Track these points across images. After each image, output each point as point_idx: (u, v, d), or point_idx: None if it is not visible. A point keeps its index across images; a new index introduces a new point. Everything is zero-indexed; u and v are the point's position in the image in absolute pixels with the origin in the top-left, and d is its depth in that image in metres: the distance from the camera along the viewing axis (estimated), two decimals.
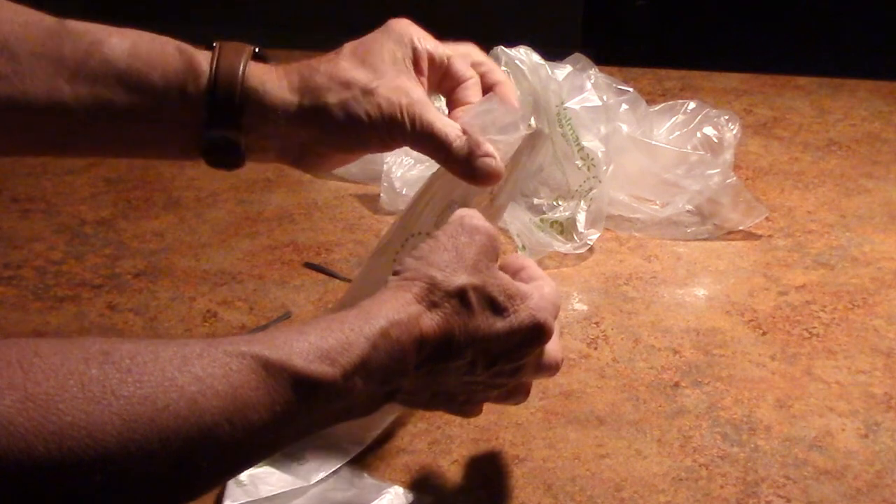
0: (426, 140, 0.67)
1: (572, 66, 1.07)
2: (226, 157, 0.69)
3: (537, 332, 0.62)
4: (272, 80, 0.68)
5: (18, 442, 0.44)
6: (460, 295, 0.59)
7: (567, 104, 1.03)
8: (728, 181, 1.06)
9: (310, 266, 1.01)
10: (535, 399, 0.82)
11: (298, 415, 0.54)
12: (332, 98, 0.67)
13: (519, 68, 1.02)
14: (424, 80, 0.70)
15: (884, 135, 1.33)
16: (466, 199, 0.69)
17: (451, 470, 0.74)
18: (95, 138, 0.69)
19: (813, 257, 1.04)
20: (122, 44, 0.67)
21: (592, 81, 1.07)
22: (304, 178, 1.18)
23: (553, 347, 0.65)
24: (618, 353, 0.88)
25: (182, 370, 0.50)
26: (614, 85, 1.11)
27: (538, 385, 0.83)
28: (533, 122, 0.70)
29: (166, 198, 1.14)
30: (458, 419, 0.79)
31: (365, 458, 0.74)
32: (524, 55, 1.03)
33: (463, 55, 0.72)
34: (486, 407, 0.80)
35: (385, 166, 1.09)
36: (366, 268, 0.71)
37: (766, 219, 1.09)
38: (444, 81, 0.72)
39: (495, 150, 0.67)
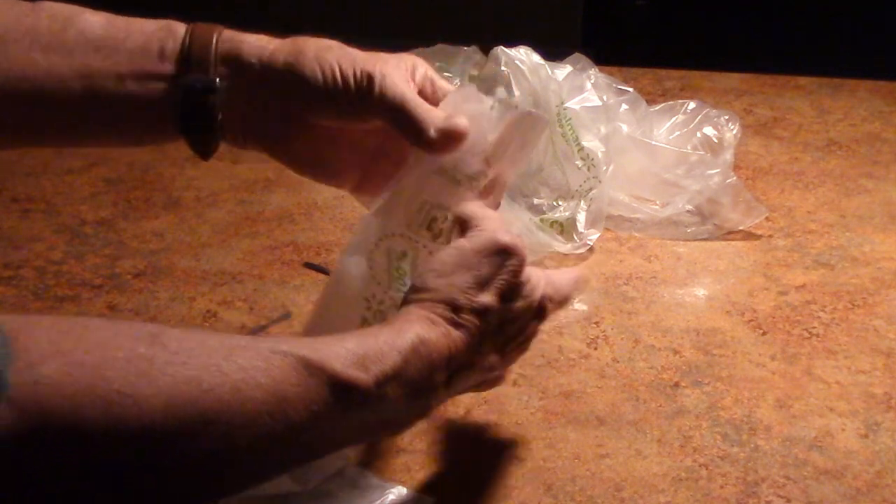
0: (391, 101, 0.66)
1: (572, 66, 1.07)
2: (199, 113, 0.67)
3: (541, 312, 0.66)
4: (251, 37, 0.68)
5: (67, 402, 0.45)
6: (484, 314, 0.62)
7: (567, 104, 1.03)
8: (728, 181, 1.06)
9: (310, 266, 1.01)
10: (535, 399, 0.82)
11: (334, 418, 0.55)
12: (310, 50, 0.67)
13: (519, 68, 1.02)
14: (415, 87, 0.70)
15: (884, 135, 1.33)
16: (440, 199, 0.68)
17: (451, 470, 0.74)
18: (72, 115, 0.68)
19: (813, 257, 1.04)
20: (97, 17, 0.67)
21: (592, 81, 1.07)
22: (304, 178, 1.18)
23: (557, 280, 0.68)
24: (618, 353, 0.88)
25: (228, 358, 0.51)
26: (614, 85, 1.11)
27: (538, 385, 0.83)
28: (524, 106, 0.70)
29: (166, 198, 1.14)
30: (458, 419, 0.79)
31: (364, 459, 0.74)
32: (524, 55, 1.03)
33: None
34: (487, 407, 0.81)
35: None
36: (340, 268, 0.70)
37: (766, 219, 1.09)
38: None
39: (465, 121, 0.66)
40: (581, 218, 1.02)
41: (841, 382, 0.85)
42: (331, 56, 0.66)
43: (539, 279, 0.66)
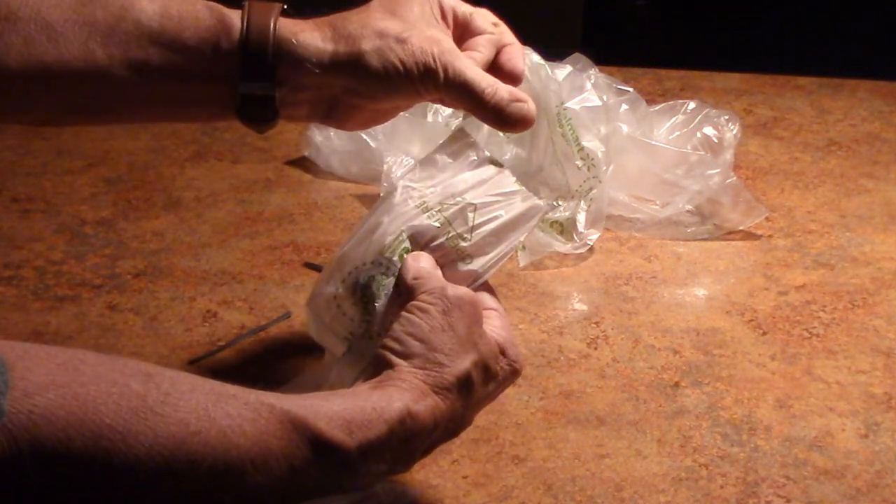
0: (459, 88, 0.67)
1: (572, 66, 1.07)
2: (260, 111, 0.69)
3: (516, 377, 0.67)
4: (305, 30, 0.68)
5: (58, 433, 0.46)
6: (466, 377, 0.62)
7: (567, 104, 1.03)
8: (728, 181, 1.06)
9: (310, 266, 1.01)
10: (536, 399, 0.82)
11: (311, 475, 0.56)
12: (367, 45, 0.67)
13: None
14: (450, 32, 0.71)
15: (884, 135, 1.33)
16: (414, 235, 0.68)
17: (451, 470, 0.74)
18: (132, 100, 0.69)
19: (813, 257, 1.04)
20: (153, 5, 0.67)
21: (592, 81, 1.07)
22: (304, 178, 1.18)
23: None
24: (618, 353, 0.88)
25: (216, 405, 0.52)
26: (614, 85, 1.11)
27: (538, 385, 0.83)
28: (531, 198, 0.71)
29: (166, 198, 1.14)
30: None
31: None
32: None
33: (482, 13, 0.74)
34: (487, 407, 0.81)
35: (385, 166, 1.09)
36: (312, 299, 0.71)
37: (766, 219, 1.09)
38: (464, 34, 0.72)
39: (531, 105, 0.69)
40: (581, 218, 1.02)
41: (841, 382, 0.85)
42: (392, 55, 0.67)
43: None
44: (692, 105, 1.13)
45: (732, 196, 1.06)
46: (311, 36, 0.68)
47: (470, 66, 0.68)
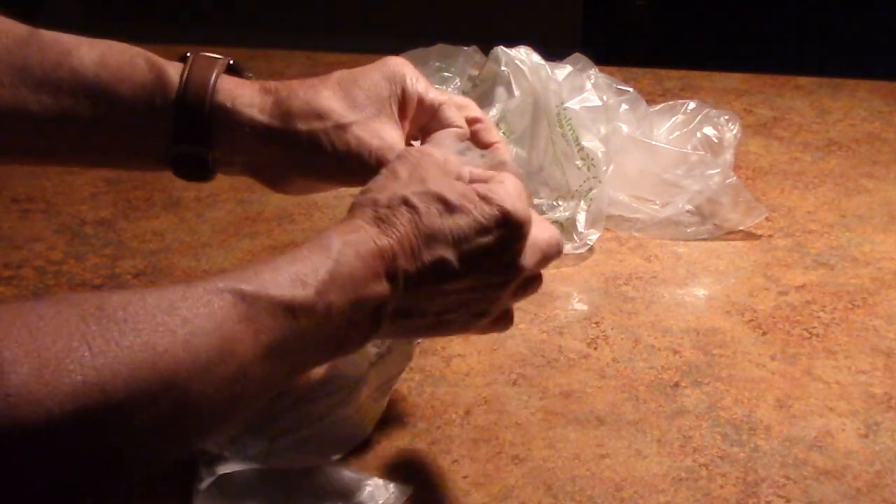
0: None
1: (572, 66, 1.07)
2: (195, 170, 0.69)
3: (507, 221, 0.61)
4: (244, 95, 0.67)
5: (38, 409, 0.46)
6: (404, 202, 0.60)
7: (567, 104, 1.03)
8: (728, 181, 1.06)
9: None
10: (536, 399, 0.82)
11: (286, 343, 0.55)
12: (303, 125, 0.67)
13: (519, 68, 1.03)
14: (407, 123, 0.70)
15: (884, 135, 1.33)
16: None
17: (451, 470, 0.74)
18: (60, 148, 0.69)
19: (813, 257, 1.04)
20: (91, 54, 0.66)
21: (592, 81, 1.07)
22: None
23: (542, 232, 0.65)
24: (618, 353, 0.88)
25: (171, 314, 0.52)
26: (614, 85, 1.11)
27: (538, 385, 0.83)
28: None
29: (166, 198, 1.14)
30: (458, 419, 0.79)
31: (364, 458, 0.74)
32: (524, 55, 1.03)
33: (459, 105, 0.72)
34: (486, 407, 0.81)
35: None
36: None
37: (766, 219, 1.09)
38: (431, 124, 0.71)
39: None
40: (581, 218, 1.02)
41: (841, 382, 0.85)
42: (325, 139, 0.67)
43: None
44: (692, 105, 1.13)
45: (732, 196, 1.06)
46: (248, 103, 0.67)
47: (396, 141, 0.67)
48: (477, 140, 0.71)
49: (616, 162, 1.05)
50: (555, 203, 1.03)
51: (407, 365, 0.75)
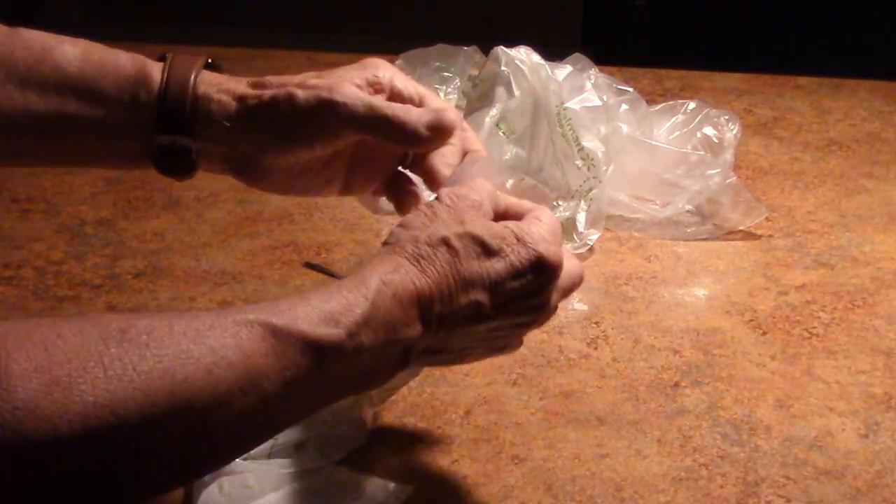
0: (371, 120, 0.66)
1: (572, 66, 1.07)
2: (178, 163, 0.69)
3: (542, 266, 0.62)
4: (222, 84, 0.68)
5: (44, 424, 0.46)
6: (444, 243, 0.60)
7: (567, 104, 1.03)
8: (728, 181, 1.06)
9: (310, 266, 1.01)
10: (536, 399, 0.82)
11: (310, 380, 0.55)
12: (278, 91, 0.67)
13: (519, 68, 1.03)
14: (384, 96, 0.70)
15: (884, 135, 1.33)
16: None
17: (451, 470, 0.74)
18: (46, 146, 0.69)
19: (813, 257, 1.04)
20: (74, 50, 0.67)
21: (592, 81, 1.07)
22: None
23: (570, 268, 0.65)
24: (618, 353, 0.88)
25: (196, 342, 0.51)
26: (614, 85, 1.11)
27: (538, 385, 0.83)
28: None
29: (166, 198, 1.14)
30: (458, 419, 0.79)
31: (364, 458, 0.74)
32: (524, 55, 1.03)
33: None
34: (486, 407, 0.81)
35: None
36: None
37: (766, 219, 1.09)
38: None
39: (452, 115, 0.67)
40: (581, 218, 1.02)
41: (841, 382, 0.85)
42: (300, 94, 0.67)
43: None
44: (692, 105, 1.13)
45: (732, 196, 1.06)
46: (226, 89, 0.68)
47: (381, 100, 0.67)
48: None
49: (616, 162, 1.05)
50: (555, 203, 1.03)
51: (413, 378, 0.75)
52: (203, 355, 0.51)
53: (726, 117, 1.12)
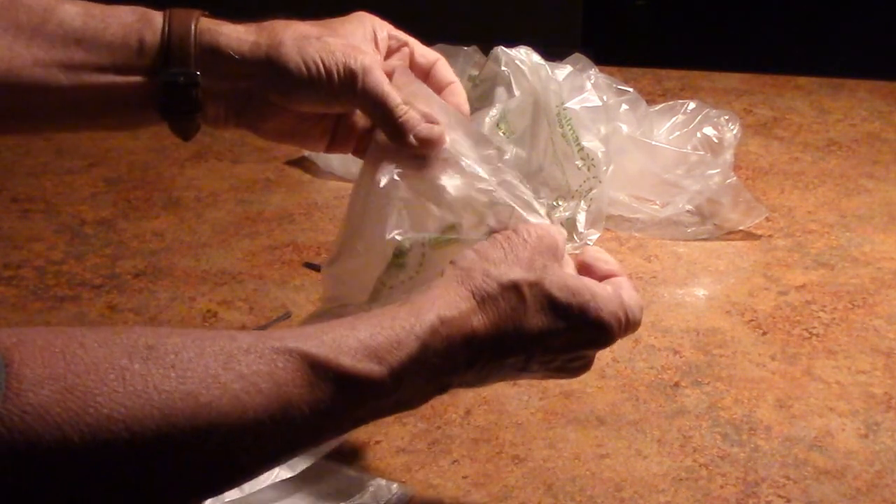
0: (374, 98, 0.66)
1: (572, 66, 1.07)
2: (181, 102, 0.68)
3: (599, 334, 0.61)
4: (226, 24, 0.69)
5: (54, 431, 0.45)
6: (515, 289, 0.59)
7: (567, 104, 1.03)
8: (728, 181, 1.06)
9: (310, 266, 1.01)
10: (536, 399, 0.82)
11: (343, 412, 0.54)
12: (288, 39, 0.67)
13: (519, 68, 1.03)
14: (381, 57, 0.71)
15: (884, 135, 1.33)
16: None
17: (451, 470, 0.74)
18: (56, 102, 0.69)
19: (813, 257, 1.04)
20: (75, 7, 0.68)
21: (592, 81, 1.07)
22: (304, 178, 1.18)
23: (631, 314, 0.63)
24: (618, 353, 0.88)
25: (227, 367, 0.50)
26: (614, 85, 1.11)
27: (538, 385, 0.83)
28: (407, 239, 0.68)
29: (166, 198, 1.14)
30: (458, 419, 0.79)
31: (365, 458, 0.74)
32: (524, 55, 1.03)
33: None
34: (486, 407, 0.81)
35: None
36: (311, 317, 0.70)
37: (766, 219, 1.09)
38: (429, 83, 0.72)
39: (442, 129, 0.66)
40: (581, 218, 1.02)
41: (841, 382, 0.85)
42: (312, 49, 0.67)
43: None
44: (692, 105, 1.13)
45: (732, 196, 1.06)
46: (233, 28, 0.68)
47: (387, 81, 0.67)
48: (435, 79, 0.72)
49: (616, 162, 1.05)
50: (555, 203, 1.03)
51: None
52: (231, 381, 0.50)
53: (726, 117, 1.12)
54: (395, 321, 0.56)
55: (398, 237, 0.64)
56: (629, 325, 0.62)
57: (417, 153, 0.66)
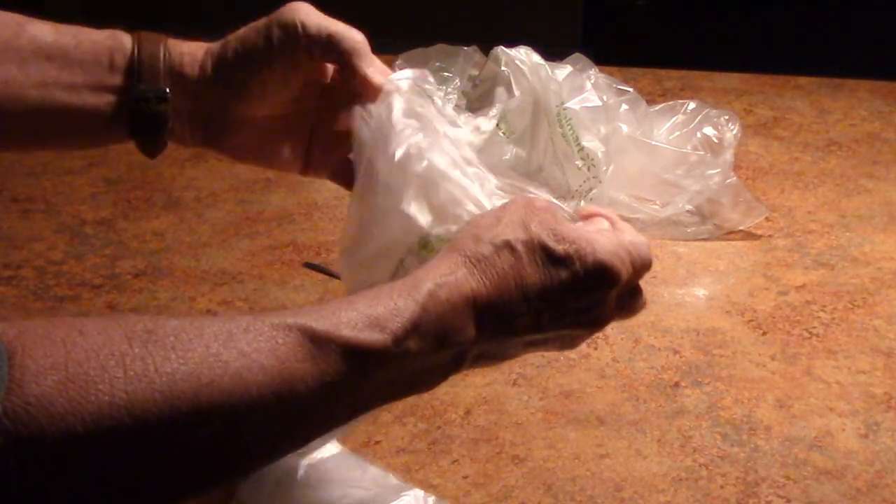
0: (326, 38, 0.67)
1: (572, 66, 1.07)
2: (152, 120, 0.69)
3: (602, 276, 0.60)
4: (191, 43, 0.70)
5: (58, 422, 0.45)
6: (508, 247, 0.58)
7: (567, 104, 1.03)
8: (728, 181, 1.06)
9: (310, 266, 1.01)
10: (536, 399, 0.82)
11: (351, 385, 0.54)
12: (231, 42, 0.69)
13: (519, 68, 1.03)
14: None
15: (884, 135, 1.33)
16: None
17: (451, 470, 0.74)
18: (26, 122, 0.69)
19: (813, 257, 1.04)
20: (45, 24, 0.68)
21: (592, 81, 1.07)
22: (304, 178, 1.18)
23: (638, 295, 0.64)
24: (618, 353, 0.88)
25: (227, 346, 0.50)
26: (614, 85, 1.11)
27: (538, 385, 0.83)
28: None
29: (166, 198, 1.14)
30: (458, 419, 0.79)
31: (365, 458, 0.74)
32: (524, 55, 1.03)
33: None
34: (486, 407, 0.81)
35: None
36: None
37: (766, 219, 1.09)
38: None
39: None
40: None
41: (841, 382, 0.85)
42: (253, 27, 0.68)
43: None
44: (692, 105, 1.13)
45: (732, 196, 1.06)
46: (196, 46, 0.70)
47: (335, 22, 0.68)
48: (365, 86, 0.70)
49: (616, 162, 1.05)
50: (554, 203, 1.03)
51: None
52: (233, 359, 0.50)
53: (726, 117, 1.12)
54: (392, 292, 0.56)
55: (416, 215, 0.63)
56: (637, 263, 0.61)
57: (364, 89, 0.66)
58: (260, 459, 0.55)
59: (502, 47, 1.05)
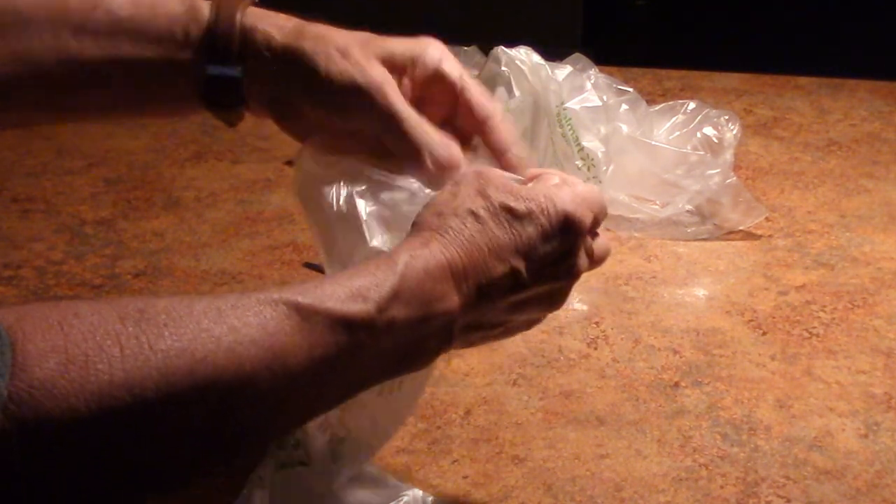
0: (387, 117, 0.66)
1: (572, 66, 1.07)
2: (226, 96, 0.68)
3: (568, 225, 0.62)
4: (269, 18, 0.69)
5: (61, 403, 0.46)
6: (472, 214, 0.60)
7: (567, 104, 1.03)
8: (728, 181, 1.06)
9: (309, 266, 1.01)
10: (536, 399, 0.82)
11: (341, 358, 0.55)
12: (308, 45, 0.67)
13: (519, 68, 1.03)
14: (408, 84, 0.69)
15: (884, 135, 1.33)
16: None
17: (451, 470, 0.74)
18: (103, 93, 0.69)
19: (813, 257, 1.04)
20: None
21: (592, 81, 1.07)
22: None
23: (600, 240, 0.66)
24: (618, 353, 0.88)
25: (217, 321, 0.51)
26: (614, 85, 1.11)
27: (538, 385, 0.83)
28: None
29: (166, 198, 1.14)
30: (457, 419, 0.79)
31: None
32: (524, 55, 1.03)
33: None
34: (486, 407, 0.81)
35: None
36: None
37: (766, 219, 1.09)
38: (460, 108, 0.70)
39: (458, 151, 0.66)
40: None
41: (841, 382, 0.85)
42: (325, 54, 0.66)
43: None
44: (692, 105, 1.13)
45: (732, 196, 1.06)
46: (273, 24, 0.68)
47: (403, 101, 0.66)
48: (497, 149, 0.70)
49: (616, 162, 1.05)
50: None
51: (417, 400, 0.70)
52: (224, 334, 0.51)
53: (726, 117, 1.12)
54: (370, 266, 0.57)
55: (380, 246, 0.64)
56: (594, 209, 0.64)
57: (434, 177, 0.65)
58: (260, 435, 0.55)
59: (502, 47, 1.05)
